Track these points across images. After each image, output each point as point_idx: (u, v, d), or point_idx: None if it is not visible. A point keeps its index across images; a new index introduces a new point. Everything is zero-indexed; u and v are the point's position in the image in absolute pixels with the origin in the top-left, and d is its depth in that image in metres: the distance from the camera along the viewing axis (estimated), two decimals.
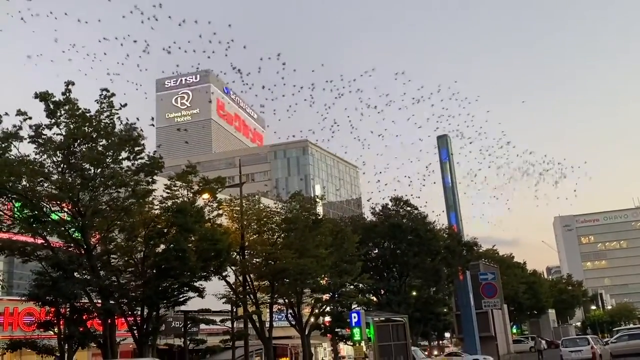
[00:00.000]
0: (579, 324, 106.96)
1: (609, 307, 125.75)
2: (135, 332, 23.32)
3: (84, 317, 22.91)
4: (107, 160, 21.68)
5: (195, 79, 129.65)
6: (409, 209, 44.23)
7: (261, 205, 32.80)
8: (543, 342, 59.00)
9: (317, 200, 37.73)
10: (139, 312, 23.63)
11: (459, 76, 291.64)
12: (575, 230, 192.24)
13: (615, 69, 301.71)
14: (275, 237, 31.76)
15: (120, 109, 21.98)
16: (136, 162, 22.45)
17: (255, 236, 31.15)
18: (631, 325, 79.97)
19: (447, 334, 66.68)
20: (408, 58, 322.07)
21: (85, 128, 21.18)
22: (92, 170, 21.40)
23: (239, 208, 30.35)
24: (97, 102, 21.65)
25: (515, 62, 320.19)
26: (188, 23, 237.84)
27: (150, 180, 22.78)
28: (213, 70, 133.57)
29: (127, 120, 22.24)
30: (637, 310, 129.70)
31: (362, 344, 18.36)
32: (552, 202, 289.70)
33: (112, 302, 22.47)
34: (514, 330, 72.12)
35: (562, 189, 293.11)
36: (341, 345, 49.88)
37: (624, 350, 34.17)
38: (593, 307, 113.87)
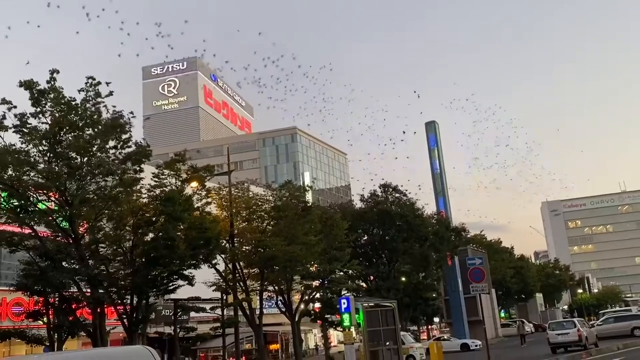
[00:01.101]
0: (566, 307, 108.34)
1: (596, 291, 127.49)
2: (125, 320, 23.30)
3: (73, 307, 22.85)
4: (94, 148, 21.51)
5: (182, 66, 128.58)
6: (397, 195, 44.45)
7: (250, 193, 32.79)
8: (527, 326, 59.67)
9: (307, 188, 37.76)
10: (129, 301, 23.61)
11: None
12: (563, 215, 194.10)
13: (611, 49, 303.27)
14: (265, 224, 31.79)
15: (108, 96, 21.79)
16: (123, 151, 22.31)
17: (244, 224, 31.16)
18: (617, 308, 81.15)
19: (436, 319, 67.31)
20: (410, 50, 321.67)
21: (71, 116, 20.98)
22: (79, 159, 21.22)
23: (227, 196, 30.33)
24: (83, 91, 21.44)
25: (507, 47, 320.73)
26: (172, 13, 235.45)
27: (137, 168, 22.67)
28: (201, 56, 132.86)
29: (114, 107, 22.07)
30: (622, 293, 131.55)
31: (352, 329, 18.48)
32: (541, 186, 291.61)
33: (101, 291, 22.43)
34: (502, 315, 72.99)
35: (549, 174, 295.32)
36: (331, 331, 50.19)
37: (610, 333, 34.75)
38: (580, 291, 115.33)
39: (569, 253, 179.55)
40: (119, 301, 23.74)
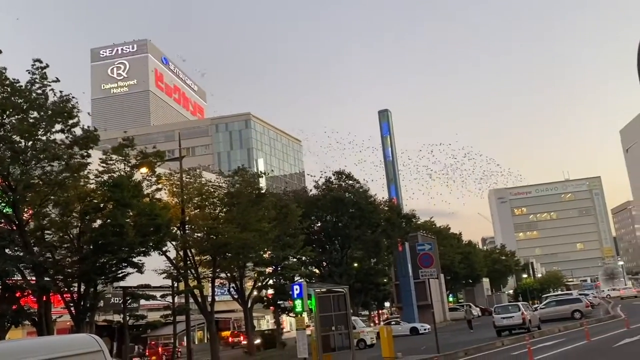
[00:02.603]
0: (511, 291, 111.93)
1: (539, 275, 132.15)
2: (72, 309, 22.79)
3: (17, 295, 22.16)
4: (39, 132, 20.80)
5: (133, 48, 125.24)
6: (351, 182, 44.79)
7: (203, 179, 32.42)
8: (475, 310, 61.37)
9: (261, 174, 37.60)
10: (76, 289, 23.09)
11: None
12: (509, 202, 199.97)
13: (554, 41, 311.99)
14: (217, 211, 31.55)
15: (54, 82, 21.04)
16: (70, 135, 21.67)
17: (196, 211, 30.83)
18: (559, 292, 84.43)
19: (387, 304, 68.42)
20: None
21: (15, 99, 20.20)
22: (23, 143, 20.50)
23: (179, 182, 29.91)
24: (29, 73, 20.66)
25: (451, 40, 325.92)
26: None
27: (85, 153, 22.07)
28: (151, 39, 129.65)
29: (61, 92, 21.34)
30: (564, 277, 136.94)
31: (304, 315, 18.63)
32: (489, 175, 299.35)
33: (47, 278, 21.82)
34: (450, 299, 74.83)
35: (497, 165, 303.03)
36: (284, 317, 50.43)
37: (552, 315, 36.19)
38: (524, 276, 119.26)
39: (514, 239, 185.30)
40: (66, 289, 23.20)
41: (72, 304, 22.83)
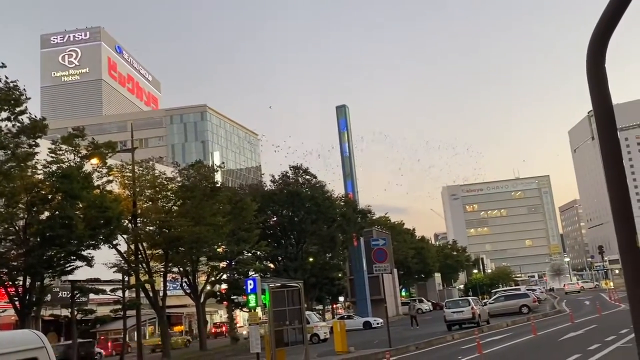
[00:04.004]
0: (462, 286, 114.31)
1: (489, 271, 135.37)
2: (16, 303, 22.04)
3: None
4: None
5: (85, 35, 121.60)
6: (307, 177, 44.80)
7: (156, 171, 31.81)
8: (427, 305, 62.30)
9: (216, 168, 37.16)
10: (21, 282, 22.33)
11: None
12: (461, 199, 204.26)
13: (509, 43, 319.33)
14: (171, 204, 31.03)
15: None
16: (17, 123, 20.90)
17: (148, 203, 30.26)
18: (507, 288, 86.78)
19: (341, 298, 68.83)
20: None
21: None
22: None
23: (131, 174, 29.25)
24: None
25: (422, 37, 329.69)
26: None
27: (32, 143, 21.35)
28: (105, 27, 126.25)
29: (7, 78, 20.54)
30: (513, 273, 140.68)
31: (258, 309, 18.51)
32: (442, 172, 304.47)
33: None
34: (403, 293, 75.94)
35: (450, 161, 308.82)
36: (237, 312, 50.09)
37: (501, 310, 37.15)
38: (475, 271, 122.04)
39: (466, 235, 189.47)
40: (10, 282, 22.41)
41: (16, 298, 22.08)
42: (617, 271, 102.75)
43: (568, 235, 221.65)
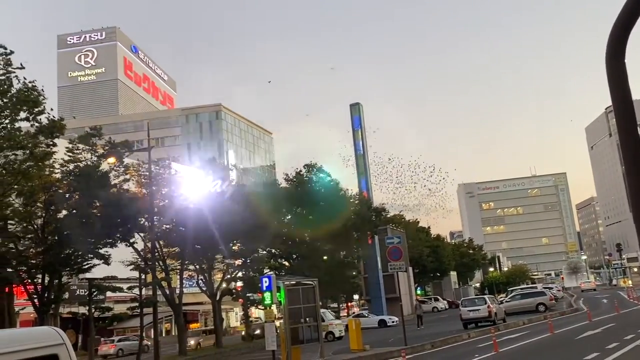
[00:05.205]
0: (478, 285, 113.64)
1: (505, 269, 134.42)
2: (35, 300, 22.33)
3: None
4: (4, 121, 20.25)
5: (101, 36, 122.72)
6: (321, 175, 44.75)
7: (172, 170, 32.01)
8: (442, 303, 62.03)
9: (231, 167, 37.35)
10: (40, 280, 22.62)
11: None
12: (477, 197, 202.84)
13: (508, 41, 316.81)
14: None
15: (19, 68, 20.46)
16: (36, 124, 21.15)
17: (165, 202, 30.43)
18: (524, 286, 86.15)
19: (356, 296, 68.76)
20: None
21: None
22: None
23: (147, 173, 29.45)
24: None
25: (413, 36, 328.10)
26: None
27: (50, 142, 21.59)
28: (120, 27, 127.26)
29: (25, 79, 20.78)
30: (530, 271, 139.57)
31: (273, 307, 18.59)
32: (458, 170, 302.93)
33: (10, 270, 21.32)
34: (418, 292, 75.66)
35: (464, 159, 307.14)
36: (252, 309, 50.29)
37: (517, 309, 36.88)
38: (491, 269, 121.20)
39: (482, 233, 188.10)
40: (29, 280, 22.71)
41: (35, 296, 22.38)
42: (635, 269, 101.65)
43: (585, 233, 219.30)
